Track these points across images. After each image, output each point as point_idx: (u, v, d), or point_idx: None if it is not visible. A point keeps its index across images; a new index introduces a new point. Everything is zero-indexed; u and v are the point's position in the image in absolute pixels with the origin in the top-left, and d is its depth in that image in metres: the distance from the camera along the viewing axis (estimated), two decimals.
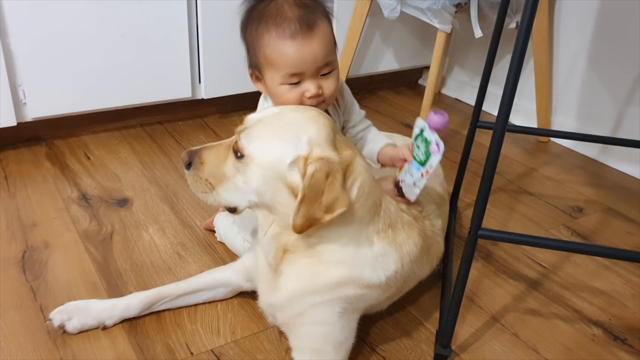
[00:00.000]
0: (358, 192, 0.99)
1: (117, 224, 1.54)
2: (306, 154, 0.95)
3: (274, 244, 1.04)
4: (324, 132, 0.98)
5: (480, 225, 1.04)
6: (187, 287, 1.25)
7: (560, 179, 1.95)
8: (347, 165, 0.98)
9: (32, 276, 1.33)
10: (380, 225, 1.04)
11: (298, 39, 1.08)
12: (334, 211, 0.94)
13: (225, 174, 1.02)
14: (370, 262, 1.03)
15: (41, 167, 1.81)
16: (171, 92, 2.07)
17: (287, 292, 1.05)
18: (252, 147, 0.98)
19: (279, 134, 0.98)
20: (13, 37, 1.73)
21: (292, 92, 1.12)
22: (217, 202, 1.05)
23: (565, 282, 1.44)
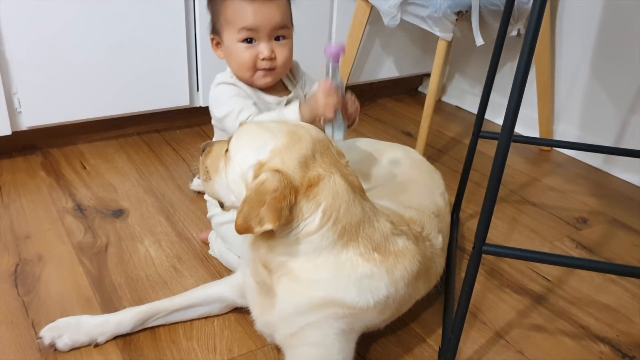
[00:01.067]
0: (323, 216, 0.95)
1: (112, 236, 1.51)
2: (264, 160, 0.96)
3: (251, 256, 1.03)
4: (296, 148, 0.96)
5: (485, 240, 1.01)
6: (181, 303, 1.21)
7: (563, 189, 1.92)
8: (308, 186, 0.95)
9: (24, 290, 1.30)
10: (361, 248, 0.99)
11: (257, 1, 1.19)
12: (262, 225, 0.92)
13: (219, 167, 1.05)
14: (355, 283, 0.99)
15: (36, 176, 1.78)
16: (169, 100, 2.04)
17: (277, 312, 1.02)
18: (233, 145, 1.02)
19: (254, 137, 1.01)
20: (8, 45, 1.70)
21: (247, 52, 1.22)
22: (211, 192, 1.09)
23: (570, 296, 1.40)
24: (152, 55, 1.93)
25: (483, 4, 1.83)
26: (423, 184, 1.38)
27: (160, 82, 1.98)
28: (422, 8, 1.83)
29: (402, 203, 1.20)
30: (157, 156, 1.96)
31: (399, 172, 1.43)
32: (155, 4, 1.86)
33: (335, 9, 2.21)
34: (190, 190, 1.74)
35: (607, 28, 1.99)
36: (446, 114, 2.52)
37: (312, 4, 2.14)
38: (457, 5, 1.79)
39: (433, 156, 2.09)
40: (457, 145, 2.21)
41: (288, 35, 1.25)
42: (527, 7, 1.95)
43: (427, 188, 1.36)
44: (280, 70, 1.27)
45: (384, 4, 1.93)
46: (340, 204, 0.97)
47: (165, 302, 1.21)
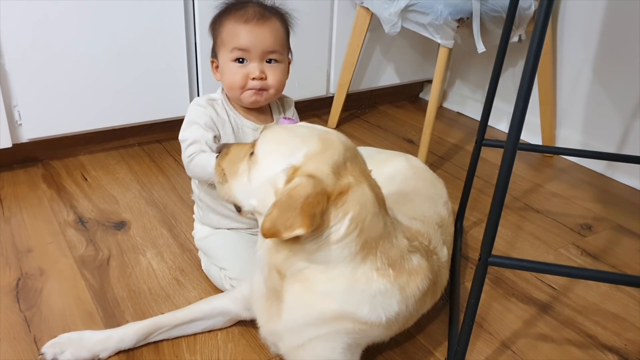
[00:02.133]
0: (349, 225, 0.94)
1: (114, 249, 1.50)
2: (298, 165, 0.94)
3: (266, 261, 1.01)
4: (328, 153, 0.95)
5: (491, 251, 1.00)
6: (184, 317, 1.20)
7: (567, 195, 1.91)
8: (340, 192, 0.93)
9: (26, 305, 1.29)
10: (378, 263, 0.98)
11: (251, 24, 1.22)
12: (293, 230, 0.89)
13: (239, 170, 1.04)
14: (369, 299, 0.98)
15: (37, 189, 1.77)
16: (169, 110, 2.03)
17: (286, 321, 1.01)
18: (260, 147, 1.00)
19: (284, 141, 0.99)
20: (8, 57, 1.70)
21: (238, 71, 1.24)
22: (227, 195, 1.07)
23: (576, 305, 1.39)
24: (152, 65, 1.92)
25: (484, 10, 1.83)
26: (426, 193, 1.37)
27: (160, 92, 1.97)
28: (423, 15, 1.83)
29: (407, 214, 1.19)
30: (158, 167, 1.95)
31: (401, 182, 1.42)
32: (154, 15, 1.86)
33: (335, 16, 2.21)
34: (192, 200, 1.72)
35: (608, 32, 1.98)
36: (447, 120, 2.51)
37: (312, 12, 2.14)
38: (458, 12, 1.78)
39: (435, 163, 2.08)
40: (459, 151, 2.20)
41: (280, 60, 1.26)
42: (528, 13, 1.95)
43: (430, 198, 1.35)
44: (271, 92, 1.27)
45: (385, 11, 1.93)
46: (366, 215, 0.95)
47: (168, 316, 1.20)
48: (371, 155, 1.53)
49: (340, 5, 2.20)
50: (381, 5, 1.95)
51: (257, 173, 0.99)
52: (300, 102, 1.81)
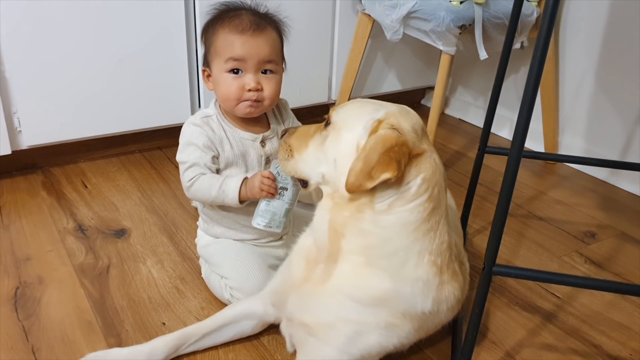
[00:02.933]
0: (421, 184, 0.95)
1: (114, 257, 1.49)
2: (382, 118, 0.96)
3: (327, 219, 1.01)
4: (408, 116, 0.99)
5: (495, 261, 0.99)
6: (211, 325, 1.18)
7: (570, 203, 1.90)
8: (416, 154, 0.95)
9: (24, 315, 1.27)
10: (434, 246, 0.98)
11: (247, 34, 1.20)
12: (380, 175, 0.91)
13: (308, 145, 1.06)
14: (411, 281, 0.98)
15: (37, 196, 1.76)
16: (170, 117, 2.02)
17: (332, 285, 1.01)
18: (337, 115, 1.02)
19: (364, 105, 1.02)
20: (8, 64, 1.69)
21: (233, 82, 1.21)
22: (293, 170, 1.09)
23: (581, 314, 1.38)
24: (153, 71, 1.92)
25: (486, 17, 1.82)
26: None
27: (161, 98, 1.96)
28: (425, 22, 1.82)
29: None
30: (159, 173, 1.94)
31: None
32: (156, 21, 1.85)
33: (337, 23, 2.20)
34: (192, 208, 1.72)
35: (611, 39, 1.97)
36: (449, 126, 2.50)
37: (313, 18, 2.13)
38: (460, 19, 1.77)
39: None
40: (462, 158, 2.19)
41: (276, 71, 1.25)
42: (531, 19, 1.94)
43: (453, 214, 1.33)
44: (266, 103, 1.25)
45: (387, 18, 1.92)
46: (436, 182, 0.97)
47: (194, 326, 1.18)
48: None
49: (341, 12, 2.19)
50: (383, 12, 1.94)
51: (334, 138, 1.00)
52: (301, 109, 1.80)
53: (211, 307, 1.32)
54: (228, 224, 1.33)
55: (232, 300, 1.28)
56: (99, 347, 1.19)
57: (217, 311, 1.29)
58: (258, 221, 1.21)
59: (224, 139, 1.27)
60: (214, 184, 1.24)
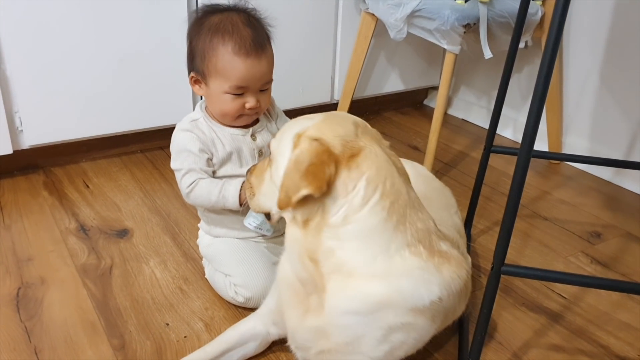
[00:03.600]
0: (367, 187, 0.90)
1: (116, 257, 1.48)
2: (301, 132, 0.94)
3: (296, 251, 0.98)
4: (334, 122, 0.95)
5: (504, 260, 0.98)
6: (215, 350, 1.13)
7: (575, 203, 1.89)
8: (351, 155, 0.91)
9: (26, 315, 1.26)
10: (408, 237, 0.93)
11: (251, 58, 1.19)
12: (299, 191, 0.88)
13: (263, 178, 1.06)
14: (407, 273, 0.92)
15: (38, 196, 1.75)
16: (172, 117, 1.98)
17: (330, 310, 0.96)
18: (273, 143, 1.02)
19: (291, 126, 1.00)
20: (9, 63, 1.68)
21: (234, 102, 1.22)
22: (257, 207, 1.10)
23: (588, 314, 1.36)
24: (155, 71, 1.90)
25: (490, 16, 1.81)
26: (438, 202, 1.34)
27: (163, 98, 1.95)
28: (430, 21, 1.81)
29: None
30: (161, 174, 1.93)
31: None
32: (156, 20, 1.84)
33: (340, 22, 2.19)
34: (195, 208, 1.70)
35: (616, 38, 1.96)
36: (452, 127, 2.49)
37: (316, 18, 2.12)
38: (465, 17, 1.76)
39: (441, 170, 2.05)
40: (465, 158, 2.18)
41: (271, 83, 1.27)
42: (535, 18, 1.93)
43: (443, 206, 1.32)
44: (261, 111, 1.30)
45: (390, 17, 1.91)
46: (385, 176, 0.92)
47: (197, 353, 1.13)
48: None
49: (345, 11, 2.18)
50: (387, 11, 1.93)
51: (275, 167, 1.00)
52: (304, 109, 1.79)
53: (215, 308, 1.31)
54: (229, 224, 1.33)
55: (237, 297, 1.27)
56: (102, 349, 1.18)
57: (220, 312, 1.29)
58: (250, 221, 1.24)
59: (215, 139, 1.27)
60: (213, 190, 1.24)
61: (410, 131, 2.40)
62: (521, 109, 2.34)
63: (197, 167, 1.25)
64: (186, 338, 1.21)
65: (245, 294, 1.26)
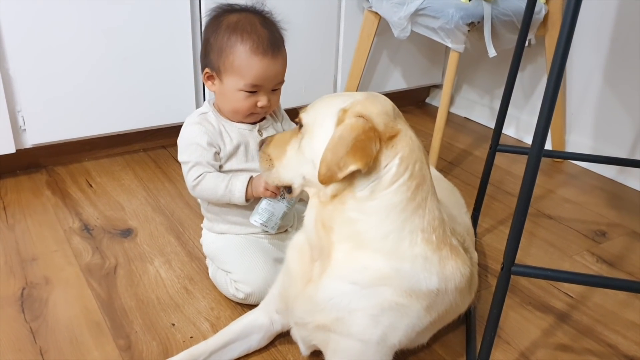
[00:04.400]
0: (400, 165, 0.93)
1: (121, 257, 1.47)
2: (347, 107, 0.95)
3: (313, 217, 1.00)
4: (376, 102, 0.97)
5: (514, 260, 0.97)
6: (217, 342, 1.13)
7: (579, 201, 1.88)
8: (390, 135, 0.94)
9: (31, 316, 1.26)
10: (425, 223, 0.96)
11: (267, 57, 1.21)
12: (347, 166, 0.91)
13: (286, 152, 1.05)
14: (410, 258, 0.96)
15: (41, 195, 1.74)
16: (175, 116, 2.00)
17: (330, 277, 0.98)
18: (308, 116, 1.02)
19: (331, 99, 1.01)
20: (12, 62, 1.67)
21: (247, 100, 1.24)
22: (276, 178, 1.08)
23: (595, 313, 1.36)
24: (158, 70, 1.90)
25: (495, 14, 1.80)
26: (447, 201, 1.33)
27: (166, 97, 1.95)
28: (434, 19, 1.80)
29: None
30: (164, 173, 1.92)
31: None
32: (160, 19, 1.83)
33: (342, 21, 2.19)
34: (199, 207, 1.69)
35: (619, 36, 1.96)
36: (455, 125, 2.49)
37: (319, 17, 2.11)
38: (469, 16, 1.76)
39: (444, 169, 2.05)
40: (468, 157, 2.17)
41: (281, 85, 1.29)
42: (538, 17, 1.92)
43: (453, 206, 1.31)
44: (270, 111, 1.32)
45: (394, 15, 1.90)
46: (416, 159, 0.95)
47: (200, 345, 1.13)
48: None
49: (347, 10, 2.17)
50: (391, 9, 1.92)
51: (309, 138, 1.00)
52: None
53: (221, 308, 1.30)
54: (231, 219, 1.33)
55: (237, 294, 1.27)
56: (108, 349, 1.18)
57: (226, 312, 1.29)
58: (256, 218, 1.24)
59: (223, 132, 1.28)
60: (219, 184, 1.25)
61: (413, 130, 2.38)
62: (524, 108, 2.34)
63: (204, 161, 1.25)
64: (192, 338, 1.21)
65: (245, 290, 1.25)
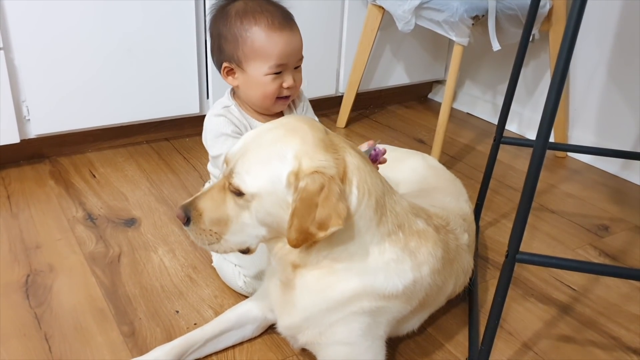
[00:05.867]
0: (358, 193, 0.93)
1: (124, 246, 1.47)
2: (296, 169, 0.91)
3: (283, 260, 1.00)
4: (309, 139, 0.93)
5: (518, 248, 0.97)
6: (213, 330, 1.14)
7: (582, 196, 1.89)
8: (343, 171, 0.92)
9: (36, 302, 1.26)
10: (389, 226, 0.97)
11: (286, 31, 1.18)
12: (327, 228, 0.89)
13: (229, 216, 0.97)
14: (383, 267, 0.97)
15: (45, 185, 1.75)
16: (178, 108, 2.01)
17: (302, 310, 0.99)
18: (246, 183, 0.93)
19: (265, 160, 0.94)
20: (17, 53, 1.67)
21: (274, 83, 1.20)
22: (227, 248, 1.01)
23: (598, 306, 1.36)
24: (162, 62, 1.90)
25: (499, 8, 1.80)
26: (447, 190, 1.34)
27: (169, 89, 1.95)
28: (438, 12, 1.80)
29: (428, 204, 1.16)
30: (167, 164, 1.93)
31: (420, 181, 1.39)
32: (164, 11, 1.84)
33: (346, 15, 2.19)
34: None
35: (624, 32, 1.96)
36: (458, 120, 2.49)
37: (322, 10, 2.12)
38: (474, 9, 1.76)
39: (447, 163, 2.05)
40: (471, 152, 2.17)
41: (302, 62, 1.25)
42: (543, 11, 1.92)
43: (452, 195, 1.32)
44: (296, 93, 1.28)
45: (398, 8, 1.91)
46: (365, 176, 0.95)
47: (196, 332, 1.14)
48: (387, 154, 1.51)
49: (351, 4, 2.18)
50: (395, 3, 1.93)
51: (258, 204, 0.94)
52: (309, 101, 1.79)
53: (224, 296, 1.31)
54: None
55: (245, 288, 1.27)
56: (112, 335, 1.18)
57: (230, 300, 1.29)
58: None
59: (247, 125, 1.26)
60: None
61: (416, 124, 2.40)
62: (527, 104, 2.34)
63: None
64: (196, 325, 1.21)
65: (254, 285, 1.26)
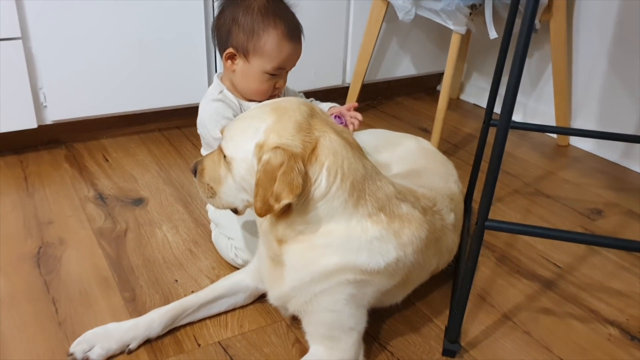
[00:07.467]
0: (328, 175, 0.98)
1: (131, 222, 1.56)
2: (261, 142, 0.98)
3: (269, 237, 1.07)
4: (285, 119, 0.99)
5: (487, 216, 1.03)
6: (207, 296, 1.22)
7: (579, 182, 1.92)
8: (311, 150, 0.97)
9: (45, 270, 1.35)
10: (369, 208, 1.02)
11: (294, 42, 1.30)
12: (280, 200, 0.95)
13: (220, 176, 1.08)
14: (366, 245, 1.01)
15: (60, 168, 1.85)
16: (189, 97, 2.09)
17: (290, 282, 1.06)
18: (228, 147, 1.04)
19: (243, 129, 1.03)
20: (35, 41, 1.77)
21: (269, 82, 1.32)
22: (220, 204, 1.12)
23: (581, 282, 1.41)
24: (173, 52, 1.98)
25: None
26: (437, 171, 1.39)
27: (180, 78, 2.03)
28: (436, 2, 1.86)
29: (415, 185, 1.22)
30: (177, 150, 2.01)
31: (411, 162, 1.45)
32: (175, 2, 1.92)
33: (352, 6, 2.25)
34: None
35: (625, 22, 1.99)
36: (464, 111, 2.53)
37: (328, 3, 2.18)
38: None
39: (449, 150, 2.10)
40: (473, 140, 2.22)
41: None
42: (543, 1, 1.96)
43: (441, 175, 1.37)
44: (279, 95, 1.39)
45: None
46: (342, 160, 0.99)
47: (191, 297, 1.22)
48: (381, 137, 1.58)
49: None
50: None
51: (235, 169, 1.03)
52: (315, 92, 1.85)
53: (221, 268, 1.39)
54: None
55: (236, 260, 1.35)
56: (115, 300, 1.27)
57: (226, 272, 1.36)
58: None
59: (239, 109, 1.35)
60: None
61: (421, 115, 2.45)
62: (531, 94, 2.37)
63: None
64: (193, 292, 1.28)
65: (243, 257, 1.34)
